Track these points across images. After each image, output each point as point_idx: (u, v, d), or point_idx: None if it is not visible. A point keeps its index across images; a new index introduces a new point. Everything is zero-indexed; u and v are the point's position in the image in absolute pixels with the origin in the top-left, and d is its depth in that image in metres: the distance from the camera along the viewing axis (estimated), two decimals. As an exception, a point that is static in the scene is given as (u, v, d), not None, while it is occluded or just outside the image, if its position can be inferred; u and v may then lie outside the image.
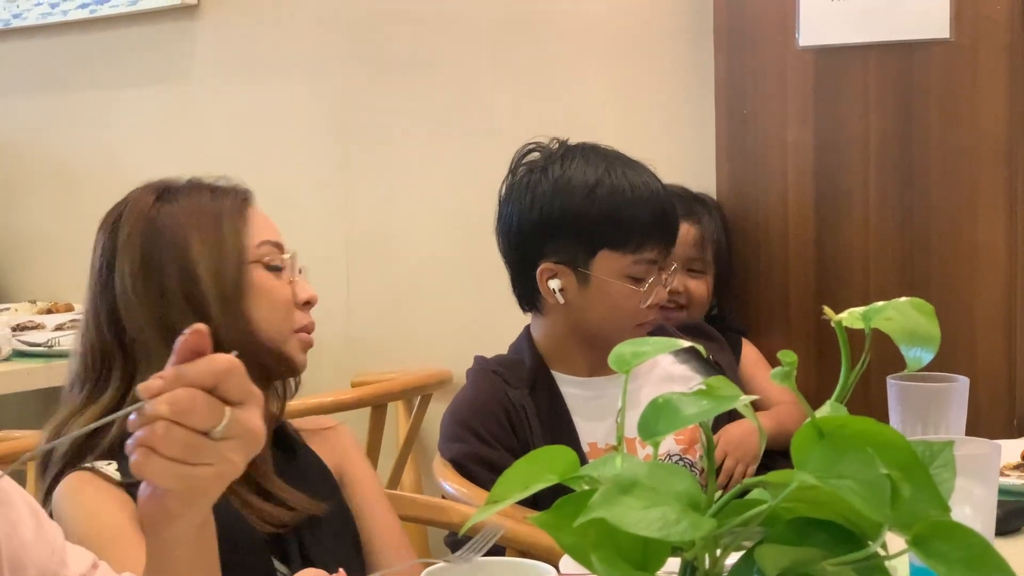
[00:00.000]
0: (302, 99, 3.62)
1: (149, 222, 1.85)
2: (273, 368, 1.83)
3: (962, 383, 1.76)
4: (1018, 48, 2.53)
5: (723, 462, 2.45)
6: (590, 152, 2.36)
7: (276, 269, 1.86)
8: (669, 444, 2.36)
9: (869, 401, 2.21)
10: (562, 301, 2.34)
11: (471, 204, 3.13)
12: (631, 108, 3.09)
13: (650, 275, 2.31)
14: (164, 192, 1.88)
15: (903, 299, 1.08)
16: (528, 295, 2.39)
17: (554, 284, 2.33)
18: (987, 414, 2.53)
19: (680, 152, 2.98)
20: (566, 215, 2.31)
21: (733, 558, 0.98)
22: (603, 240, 2.30)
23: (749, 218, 2.82)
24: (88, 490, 1.69)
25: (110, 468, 1.71)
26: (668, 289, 2.38)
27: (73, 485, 1.70)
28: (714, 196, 2.87)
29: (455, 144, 3.34)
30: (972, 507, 1.43)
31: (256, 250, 1.84)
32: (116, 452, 1.69)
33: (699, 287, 2.77)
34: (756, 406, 1.66)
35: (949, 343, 2.55)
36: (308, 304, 1.88)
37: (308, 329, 1.87)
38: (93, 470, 1.70)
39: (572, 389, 2.38)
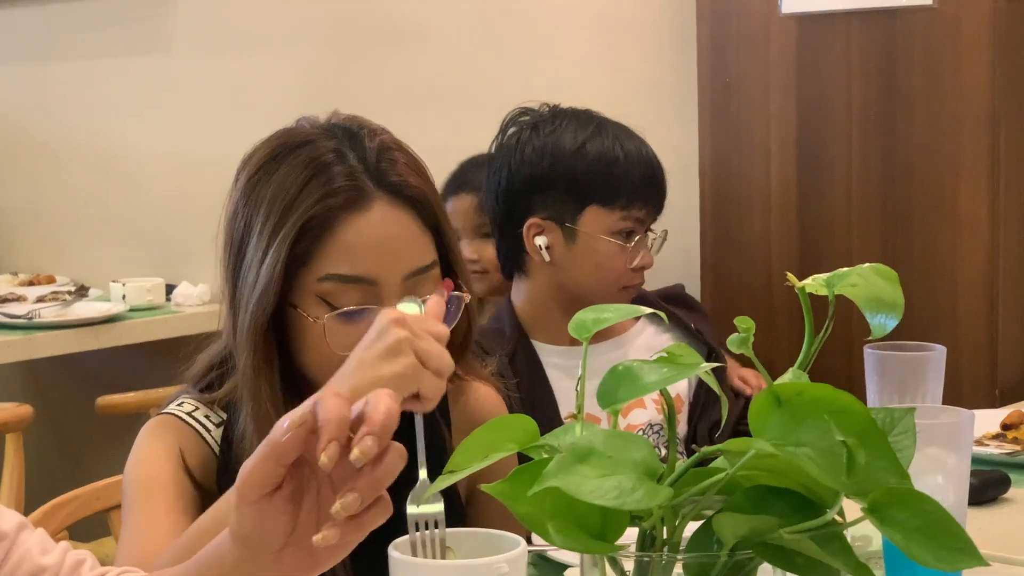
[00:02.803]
0: (284, 70, 3.60)
1: (244, 185, 1.59)
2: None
3: (939, 352, 1.75)
4: (1001, 15, 2.51)
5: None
6: (581, 114, 2.38)
7: (345, 316, 1.53)
8: (651, 414, 2.35)
9: (852, 369, 2.21)
10: (548, 259, 2.33)
11: (455, 174, 3.11)
12: (614, 77, 3.08)
13: (637, 234, 2.31)
14: (283, 147, 1.59)
15: (867, 265, 1.07)
16: (514, 255, 2.38)
17: (540, 241, 2.32)
18: (969, 383, 2.52)
19: (663, 121, 2.96)
20: (555, 170, 2.31)
21: (693, 528, 0.97)
22: (592, 195, 2.30)
23: (732, 187, 2.81)
24: (150, 437, 1.61)
25: (191, 411, 1.62)
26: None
27: (147, 427, 1.63)
28: (697, 164, 2.85)
29: (439, 115, 3.32)
30: (944, 476, 1.42)
31: (317, 284, 1.54)
32: (221, 402, 1.62)
33: (492, 251, 2.69)
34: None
35: (932, 312, 2.57)
36: None
37: None
38: (174, 415, 1.63)
39: (552, 359, 2.37)
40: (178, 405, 1.63)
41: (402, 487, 1.38)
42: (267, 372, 1.54)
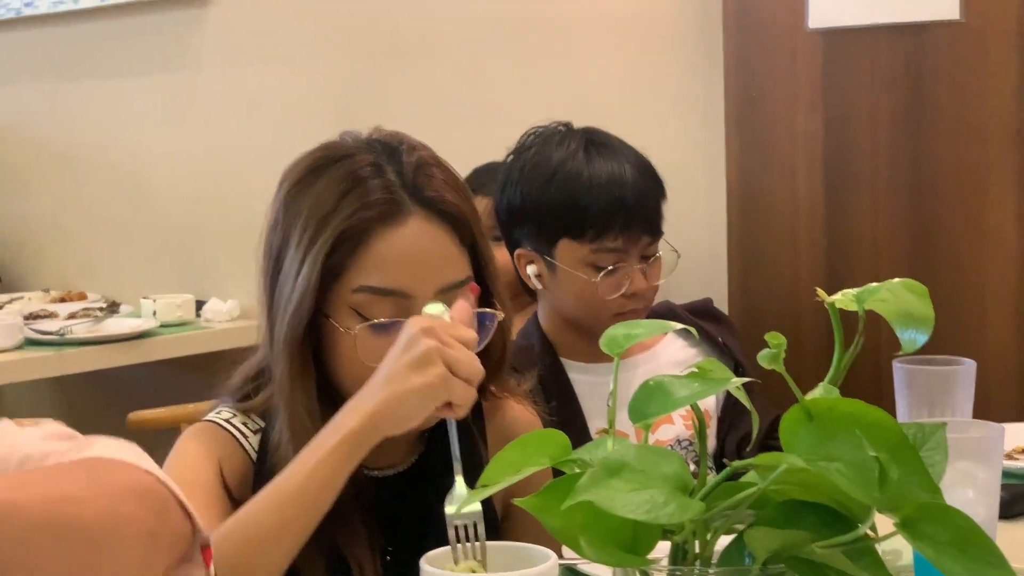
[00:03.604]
0: (309, 87, 3.61)
1: (284, 196, 1.61)
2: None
3: (968, 366, 1.75)
4: (1028, 29, 2.51)
5: None
6: (571, 137, 2.34)
7: (377, 328, 1.54)
8: (679, 429, 2.35)
9: (881, 383, 2.21)
10: (540, 287, 2.33)
11: (481, 190, 3.12)
12: (640, 92, 3.08)
13: (615, 264, 2.27)
14: (324, 160, 1.60)
15: (896, 280, 1.07)
16: (520, 279, 2.38)
17: (531, 270, 2.33)
18: (997, 397, 2.51)
19: (689, 136, 2.97)
20: (526, 202, 2.30)
21: (724, 542, 0.98)
22: (561, 229, 2.27)
23: (758, 201, 2.81)
24: (191, 440, 1.62)
25: (229, 418, 1.64)
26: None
27: (188, 432, 1.64)
28: (723, 180, 2.85)
29: (463, 130, 3.33)
30: (975, 490, 1.42)
31: (351, 295, 1.55)
32: (258, 410, 1.63)
33: (502, 254, 2.67)
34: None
35: (959, 327, 2.56)
36: None
37: None
38: (213, 422, 1.64)
39: (579, 375, 2.37)
40: (216, 413, 1.65)
41: (440, 493, 1.39)
42: (303, 382, 1.55)
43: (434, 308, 1.50)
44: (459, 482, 1.33)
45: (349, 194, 1.55)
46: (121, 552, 1.20)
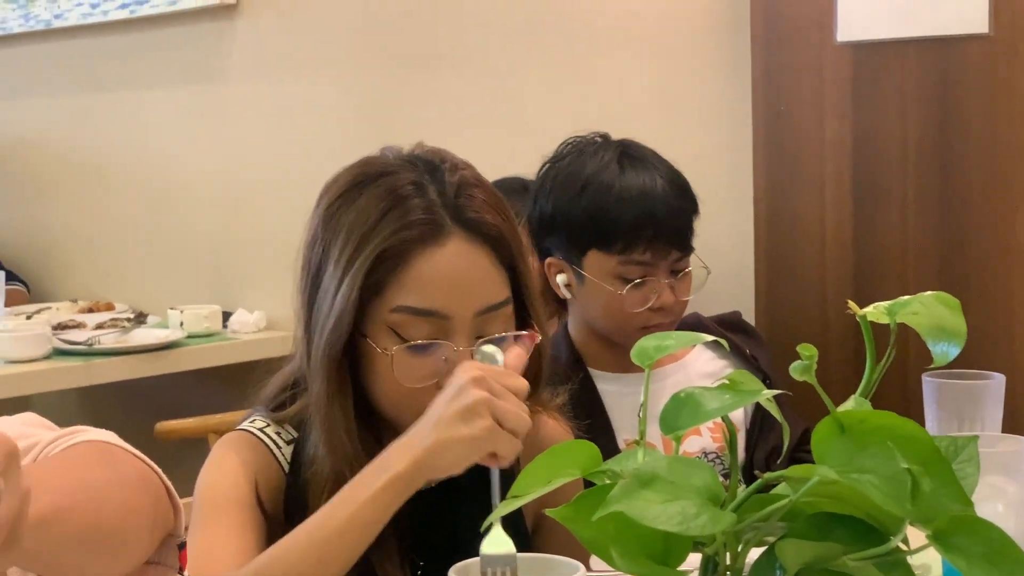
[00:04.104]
0: (337, 98, 3.63)
1: (324, 212, 1.60)
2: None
3: (998, 380, 1.74)
4: (1058, 43, 2.50)
5: None
6: (606, 148, 2.34)
7: (414, 349, 1.53)
8: (705, 442, 2.35)
9: (908, 397, 2.20)
10: (569, 297, 2.34)
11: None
12: (667, 105, 3.08)
13: (643, 277, 2.27)
14: (365, 176, 1.60)
15: (928, 293, 1.07)
16: (550, 288, 2.38)
17: (560, 279, 2.33)
18: (1026, 412, 2.50)
19: (716, 149, 2.97)
20: (557, 212, 2.31)
21: (755, 554, 0.98)
22: (590, 239, 2.28)
23: (786, 214, 2.80)
24: (226, 451, 1.62)
25: (262, 427, 1.64)
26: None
27: (222, 441, 1.64)
28: (751, 193, 2.85)
29: (488, 141, 3.33)
30: (1004, 504, 1.42)
31: (388, 315, 1.55)
32: (292, 420, 1.63)
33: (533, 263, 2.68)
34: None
35: (988, 341, 2.55)
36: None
37: None
38: (247, 431, 1.64)
39: (608, 386, 2.37)
40: (250, 422, 1.65)
41: (472, 507, 1.38)
42: (341, 400, 1.55)
43: (488, 349, 1.50)
44: (497, 529, 1.32)
45: (390, 212, 1.54)
46: (135, 544, 1.22)
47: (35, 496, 1.08)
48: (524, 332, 1.59)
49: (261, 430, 1.64)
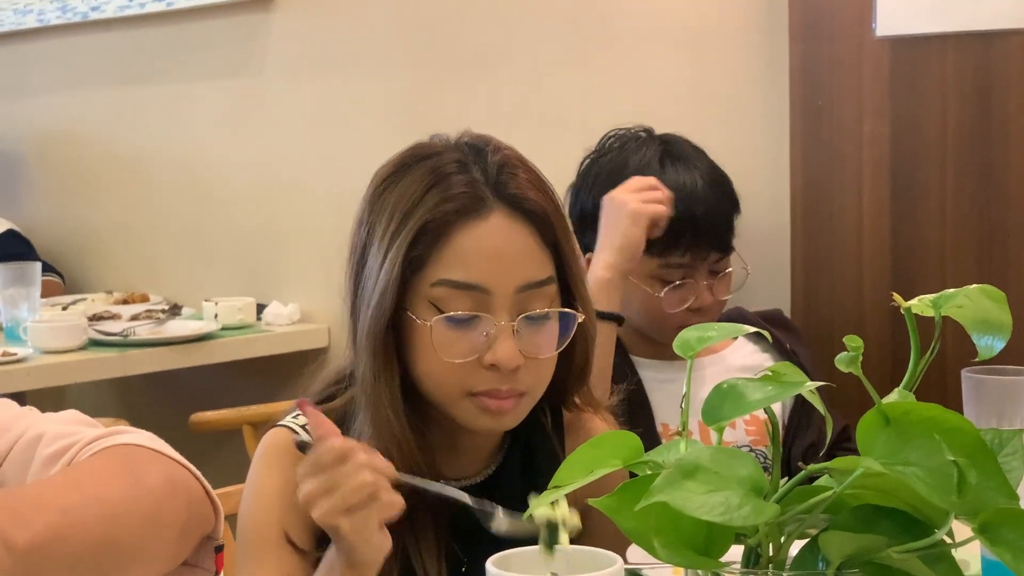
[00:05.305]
0: (374, 94, 3.63)
1: (371, 194, 1.61)
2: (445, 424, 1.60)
3: (1038, 376, 1.73)
4: (1100, 38, 2.48)
5: None
6: (649, 144, 2.33)
7: (452, 321, 1.53)
8: (739, 435, 2.34)
9: (947, 393, 2.18)
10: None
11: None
12: (704, 100, 3.07)
13: (682, 279, 2.26)
14: (412, 158, 1.60)
15: (974, 286, 1.07)
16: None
17: None
18: (1066, 410, 2.48)
19: (754, 144, 2.96)
20: (598, 207, 2.29)
21: (797, 546, 0.97)
22: None
23: (823, 210, 2.79)
24: (265, 469, 1.59)
25: (305, 423, 1.59)
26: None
27: (263, 450, 1.61)
28: (788, 189, 2.84)
29: (526, 139, 3.28)
30: (1046, 501, 1.41)
31: (430, 289, 1.54)
32: (337, 412, 1.60)
33: None
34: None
35: (1027, 337, 2.53)
36: (495, 367, 1.53)
37: (492, 395, 1.54)
38: (288, 427, 1.61)
39: (650, 372, 2.36)
40: (293, 417, 1.64)
41: (517, 504, 1.37)
42: (386, 377, 1.55)
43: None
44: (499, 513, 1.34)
45: (432, 188, 1.55)
46: (159, 552, 1.22)
47: (27, 522, 1.08)
48: (567, 310, 1.58)
49: (303, 427, 1.63)
